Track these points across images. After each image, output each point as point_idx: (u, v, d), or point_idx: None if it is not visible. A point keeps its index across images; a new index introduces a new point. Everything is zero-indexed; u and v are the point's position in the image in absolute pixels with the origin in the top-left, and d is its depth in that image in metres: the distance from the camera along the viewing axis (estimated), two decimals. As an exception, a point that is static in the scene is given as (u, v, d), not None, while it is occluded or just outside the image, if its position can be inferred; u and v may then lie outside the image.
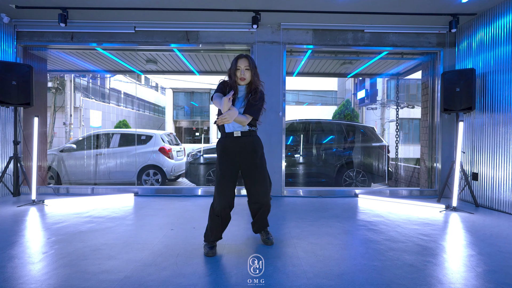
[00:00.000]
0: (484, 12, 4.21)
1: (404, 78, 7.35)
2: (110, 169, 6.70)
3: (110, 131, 7.27)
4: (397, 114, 7.20)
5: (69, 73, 10.19)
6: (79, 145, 6.76)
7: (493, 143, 4.06)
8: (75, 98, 13.68)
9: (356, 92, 8.80)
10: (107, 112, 16.50)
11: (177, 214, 3.64)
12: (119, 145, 6.81)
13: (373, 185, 6.34)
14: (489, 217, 3.62)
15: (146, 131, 7.05)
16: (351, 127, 6.78)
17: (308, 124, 6.58)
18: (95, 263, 2.16)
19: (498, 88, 3.99)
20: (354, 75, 7.43)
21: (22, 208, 3.80)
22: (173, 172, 6.87)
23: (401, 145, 7.34)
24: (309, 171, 6.25)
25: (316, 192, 4.90)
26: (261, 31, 4.71)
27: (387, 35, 4.81)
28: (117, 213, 3.62)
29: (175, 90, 20.66)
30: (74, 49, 5.17)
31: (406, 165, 6.87)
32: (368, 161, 6.29)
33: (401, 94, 16.89)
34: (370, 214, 3.68)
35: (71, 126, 13.07)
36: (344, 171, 6.14)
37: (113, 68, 6.52)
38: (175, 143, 7.56)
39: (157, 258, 2.26)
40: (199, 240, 2.67)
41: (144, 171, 6.65)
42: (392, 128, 15.64)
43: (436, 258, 2.32)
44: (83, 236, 2.77)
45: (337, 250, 2.47)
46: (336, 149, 6.43)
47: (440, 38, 4.81)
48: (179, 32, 4.71)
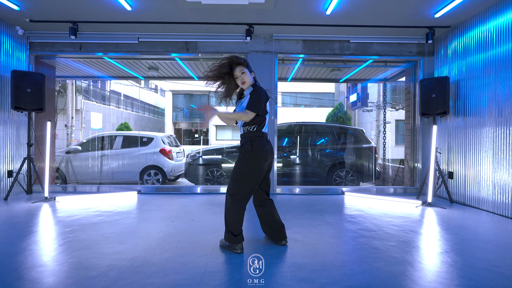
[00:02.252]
0: (458, 25, 4.62)
1: (397, 81, 7.71)
2: (114, 169, 7.08)
3: (113, 133, 7.66)
4: (384, 117, 7.60)
5: (75, 79, 10.57)
6: (83, 146, 7.15)
7: (465, 144, 4.46)
8: (77, 100, 13.98)
9: (348, 96, 9.20)
10: (107, 114, 16.82)
11: (177, 209, 4.03)
12: (122, 147, 7.20)
13: (362, 184, 6.74)
14: (459, 211, 4.01)
15: (147, 134, 7.44)
16: (342, 129, 7.18)
17: (302, 127, 6.98)
18: (108, 247, 2.55)
19: (470, 94, 4.39)
20: (345, 80, 7.85)
21: (36, 204, 4.18)
22: (173, 172, 7.26)
23: (395, 146, 7.72)
24: (301, 171, 6.65)
25: (307, 190, 5.29)
26: (254, 42, 5.12)
27: (371, 45, 5.21)
28: (122, 208, 4.00)
29: (174, 93, 21.03)
30: (82, 58, 5.56)
31: (393, 165, 7.27)
32: (357, 161, 6.68)
33: (395, 96, 17.26)
34: (352, 209, 4.07)
35: (72, 128, 13.36)
36: (334, 171, 6.54)
37: (117, 74, 6.93)
38: (175, 144, 7.95)
39: (161, 243, 2.64)
40: (196, 229, 3.06)
41: (145, 171, 7.03)
42: (387, 130, 16.03)
43: (399, 242, 2.71)
44: (94, 226, 3.15)
45: (315, 237, 2.86)
46: (327, 150, 6.83)
47: (420, 48, 5.22)
48: (179, 43, 5.11)
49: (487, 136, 4.07)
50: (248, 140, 2.41)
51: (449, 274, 2.08)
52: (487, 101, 4.08)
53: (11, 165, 4.76)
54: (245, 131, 2.47)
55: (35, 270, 2.09)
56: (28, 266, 2.15)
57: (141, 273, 2.05)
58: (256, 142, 2.40)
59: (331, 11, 4.19)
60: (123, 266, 2.16)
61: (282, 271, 2.11)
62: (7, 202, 4.33)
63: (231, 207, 2.43)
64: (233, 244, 2.45)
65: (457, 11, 4.18)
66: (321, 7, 4.13)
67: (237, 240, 2.44)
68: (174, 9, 4.18)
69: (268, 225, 2.63)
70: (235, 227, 2.44)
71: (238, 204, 2.41)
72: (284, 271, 2.11)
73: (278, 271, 2.10)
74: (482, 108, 4.16)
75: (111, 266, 2.16)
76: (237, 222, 2.44)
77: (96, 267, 2.14)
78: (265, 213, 2.61)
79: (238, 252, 2.43)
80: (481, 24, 4.17)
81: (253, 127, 2.43)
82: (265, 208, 2.60)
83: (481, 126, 4.18)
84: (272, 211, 2.61)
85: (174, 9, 4.20)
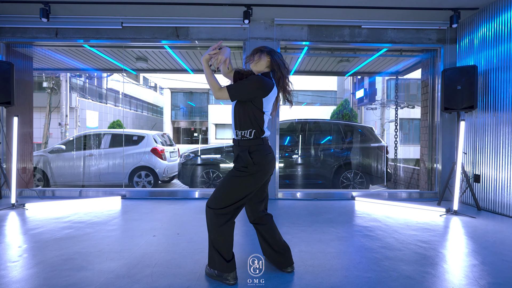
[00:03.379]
0: (487, 7, 4.02)
1: (404, 78, 7.16)
2: (101, 170, 6.51)
3: (101, 131, 7.09)
4: (396, 114, 7.01)
5: (57, 72, 10.00)
6: (68, 146, 6.58)
7: (496, 143, 3.87)
8: (71, 98, 13.52)
9: (354, 92, 8.61)
10: (104, 113, 16.33)
11: (163, 218, 3.45)
12: (110, 146, 6.63)
13: (371, 187, 6.15)
14: (491, 221, 3.43)
15: (138, 131, 6.86)
16: (349, 127, 6.59)
17: (305, 124, 6.40)
18: (62, 275, 1.97)
19: (501, 87, 3.80)
20: (353, 73, 7.25)
21: (0, 212, 3.61)
22: (165, 173, 6.69)
23: (400, 145, 7.14)
24: (305, 173, 6.06)
25: (312, 195, 4.71)
26: (254, 27, 4.53)
27: (385, 31, 4.62)
28: (99, 218, 3.43)
29: (173, 90, 20.51)
30: (60, 46, 4.98)
31: (405, 166, 6.68)
32: (366, 162, 6.10)
33: (401, 94, 16.68)
34: (366, 219, 3.49)
35: (66, 126, 12.92)
36: (341, 173, 5.95)
37: (103, 66, 6.34)
38: (168, 143, 7.38)
39: (132, 269, 2.07)
40: (180, 247, 2.49)
41: (135, 173, 6.46)
42: (392, 129, 15.45)
43: (435, 268, 2.13)
44: (57, 243, 2.58)
45: (329, 259, 2.28)
46: (334, 149, 6.24)
47: (441, 34, 4.62)
48: (169, 28, 4.53)
49: (524, 134, 3.48)
50: (245, 150, 1.87)
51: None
52: (524, 93, 3.49)
53: (-22, 167, 4.19)
54: (239, 137, 1.92)
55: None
56: None
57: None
58: (257, 153, 1.86)
59: (343, -12, 3.61)
60: (72, 308, 1.59)
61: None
62: (-30, 209, 3.77)
63: (215, 225, 1.86)
64: (224, 273, 1.88)
65: (489, -12, 3.60)
66: (331, -17, 3.55)
67: (229, 268, 1.87)
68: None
69: (270, 247, 2.05)
70: (225, 250, 1.87)
71: (223, 219, 1.85)
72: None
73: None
74: (517, 102, 3.58)
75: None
76: (226, 244, 1.88)
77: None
78: (265, 232, 2.04)
79: (231, 284, 1.87)
80: (517, 3, 3.58)
81: (250, 132, 1.87)
82: (265, 227, 2.03)
83: (516, 122, 3.59)
84: (273, 230, 2.05)
85: (160, -13, 3.62)
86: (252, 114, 1.85)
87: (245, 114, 1.86)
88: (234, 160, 1.95)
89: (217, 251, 1.87)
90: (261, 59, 1.90)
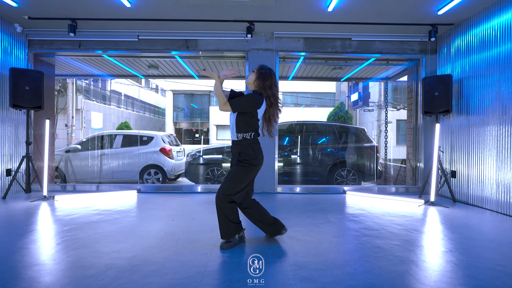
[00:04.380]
0: (461, 23, 4.57)
1: (402, 81, 7.61)
2: (113, 168, 7.04)
3: (113, 132, 7.62)
4: (386, 116, 7.52)
5: (75, 78, 10.52)
6: (83, 145, 7.11)
7: (469, 143, 4.41)
8: (77, 100, 13.96)
9: (349, 95, 9.15)
10: (108, 114, 16.79)
11: (177, 208, 3.98)
12: (122, 146, 7.16)
13: (363, 183, 6.69)
14: (463, 210, 3.96)
15: (147, 132, 7.40)
16: (343, 128, 7.14)
17: (303, 126, 6.93)
18: (106, 245, 2.50)
19: (473, 92, 4.34)
20: (346, 79, 7.79)
21: (35, 203, 4.14)
22: (173, 171, 7.22)
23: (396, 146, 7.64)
24: (302, 170, 6.60)
25: (308, 189, 5.25)
26: (255, 39, 5.07)
27: (373, 43, 5.17)
28: (122, 207, 3.96)
29: (175, 92, 20.99)
30: (82, 56, 5.52)
31: (394, 165, 7.22)
32: (358, 160, 6.64)
33: (396, 96, 17.14)
34: (354, 208, 4.02)
35: (72, 127, 13.34)
36: (335, 170, 6.49)
37: (116, 73, 6.89)
38: (175, 143, 7.91)
39: (160, 242, 2.60)
40: (196, 228, 3.02)
41: (145, 171, 6.99)
42: (389, 130, 15.95)
43: (402, 241, 2.66)
44: (93, 225, 3.11)
45: (317, 236, 2.82)
46: (329, 149, 6.78)
47: (422, 46, 5.17)
48: (179, 40, 5.07)
49: (490, 135, 4.02)
50: (248, 147, 2.47)
51: (454, 273, 2.04)
52: (490, 99, 4.03)
53: (10, 164, 4.72)
54: (240, 138, 2.48)
55: (32, 269, 2.05)
56: (24, 265, 2.11)
57: (139, 272, 2.00)
58: (256, 149, 2.50)
59: (333, 8, 4.14)
60: (121, 265, 2.12)
61: (283, 270, 2.06)
62: (6, 201, 4.29)
63: (228, 205, 2.46)
64: (236, 233, 2.52)
65: (461, 8, 4.13)
66: (323, 3, 4.09)
67: (239, 227, 2.54)
68: (173, 5, 4.14)
69: (263, 223, 2.65)
70: (234, 217, 2.50)
71: (234, 199, 2.46)
72: (286, 270, 2.06)
73: (279, 270, 2.06)
74: (485, 107, 4.11)
75: (109, 265, 2.11)
76: (235, 213, 2.51)
77: (94, 266, 2.10)
78: (256, 213, 2.63)
79: (243, 240, 2.59)
80: (485, 21, 4.12)
81: (250, 134, 2.47)
82: (254, 210, 2.63)
83: (484, 124, 4.13)
84: (262, 209, 2.66)
85: (173, 6, 4.16)
86: (250, 121, 2.46)
87: (246, 121, 2.46)
88: (236, 156, 2.51)
89: (230, 220, 2.46)
90: (254, 81, 2.53)
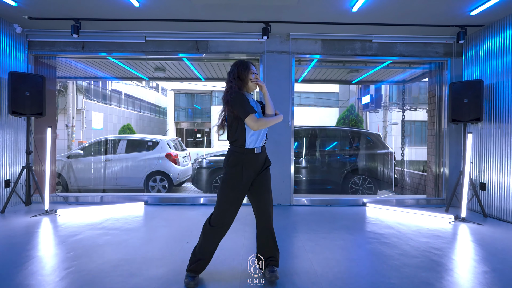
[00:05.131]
0: (492, 24, 4.25)
1: (404, 82, 7.31)
2: (117, 175, 6.74)
3: (116, 137, 7.30)
4: (403, 117, 7.04)
5: (78, 79, 10.21)
6: (86, 151, 6.80)
7: (501, 152, 4.11)
8: (77, 100, 13.68)
9: (360, 97, 8.83)
10: (108, 114, 16.50)
11: (190, 225, 3.68)
12: (126, 151, 6.85)
13: (379, 192, 6.39)
14: (498, 228, 3.66)
15: (153, 137, 7.09)
16: (357, 133, 6.83)
17: (314, 131, 6.63)
18: (118, 281, 2.20)
19: (506, 98, 4.03)
20: (358, 81, 7.47)
21: (36, 218, 3.83)
22: (179, 178, 6.92)
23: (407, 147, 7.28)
24: (315, 178, 6.30)
25: (325, 201, 4.94)
26: (270, 41, 4.75)
27: (394, 45, 4.85)
28: (130, 224, 3.66)
29: (176, 92, 20.68)
30: (85, 58, 5.20)
31: (412, 172, 6.91)
32: (374, 168, 6.33)
33: (406, 97, 16.84)
34: (380, 226, 3.72)
35: (73, 128, 13.07)
36: (350, 178, 6.19)
37: (121, 75, 6.56)
38: (180, 148, 7.60)
39: (178, 276, 2.29)
40: (215, 255, 2.71)
41: (151, 177, 6.69)
42: (395, 131, 15.66)
43: (451, 275, 2.36)
44: (101, 249, 2.81)
45: (354, 266, 2.51)
46: (342, 156, 6.47)
47: (447, 48, 4.85)
48: (189, 42, 4.75)
49: (528, 146, 3.72)
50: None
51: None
52: (528, 107, 3.72)
53: (9, 174, 4.41)
54: (264, 144, 2.23)
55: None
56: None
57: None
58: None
59: (358, 8, 3.83)
60: (137, 311, 1.81)
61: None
62: (4, 215, 3.98)
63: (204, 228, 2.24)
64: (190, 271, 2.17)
65: (495, 8, 3.81)
66: (348, 3, 3.77)
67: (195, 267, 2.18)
68: (185, 5, 3.81)
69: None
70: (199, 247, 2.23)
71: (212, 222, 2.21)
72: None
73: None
74: (522, 115, 3.81)
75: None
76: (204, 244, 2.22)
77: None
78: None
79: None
80: (522, 23, 3.81)
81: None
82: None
83: (520, 134, 3.83)
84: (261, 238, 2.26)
85: (185, 6, 3.83)
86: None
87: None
88: (264, 163, 2.21)
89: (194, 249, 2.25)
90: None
